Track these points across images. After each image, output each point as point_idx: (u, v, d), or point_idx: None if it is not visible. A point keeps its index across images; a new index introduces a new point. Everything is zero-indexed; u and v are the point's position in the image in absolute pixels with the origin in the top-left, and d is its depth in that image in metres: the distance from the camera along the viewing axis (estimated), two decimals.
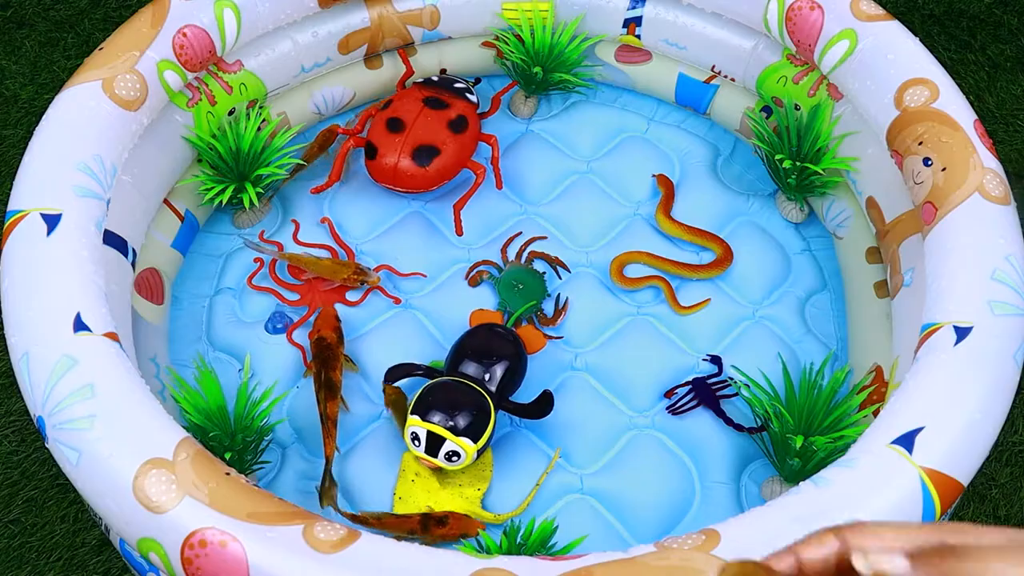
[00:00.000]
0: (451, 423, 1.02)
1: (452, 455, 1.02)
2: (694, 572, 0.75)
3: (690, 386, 1.15)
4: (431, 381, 1.07)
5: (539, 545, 0.99)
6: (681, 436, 1.12)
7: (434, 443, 1.02)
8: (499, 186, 1.33)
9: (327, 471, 1.05)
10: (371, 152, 1.27)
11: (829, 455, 0.99)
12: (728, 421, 1.12)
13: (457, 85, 1.35)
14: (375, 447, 1.11)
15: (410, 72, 1.40)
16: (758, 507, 0.82)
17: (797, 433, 1.01)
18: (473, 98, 1.34)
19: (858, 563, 0.42)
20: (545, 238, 1.29)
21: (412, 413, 1.03)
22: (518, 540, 0.98)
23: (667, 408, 1.14)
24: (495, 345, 1.11)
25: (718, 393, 1.14)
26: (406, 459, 1.09)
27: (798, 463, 1.02)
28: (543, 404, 1.09)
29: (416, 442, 1.03)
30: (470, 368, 1.08)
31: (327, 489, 1.04)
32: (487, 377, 1.08)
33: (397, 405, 1.11)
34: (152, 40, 1.11)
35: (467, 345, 1.11)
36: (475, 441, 1.03)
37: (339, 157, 1.31)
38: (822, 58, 1.18)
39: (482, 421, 1.03)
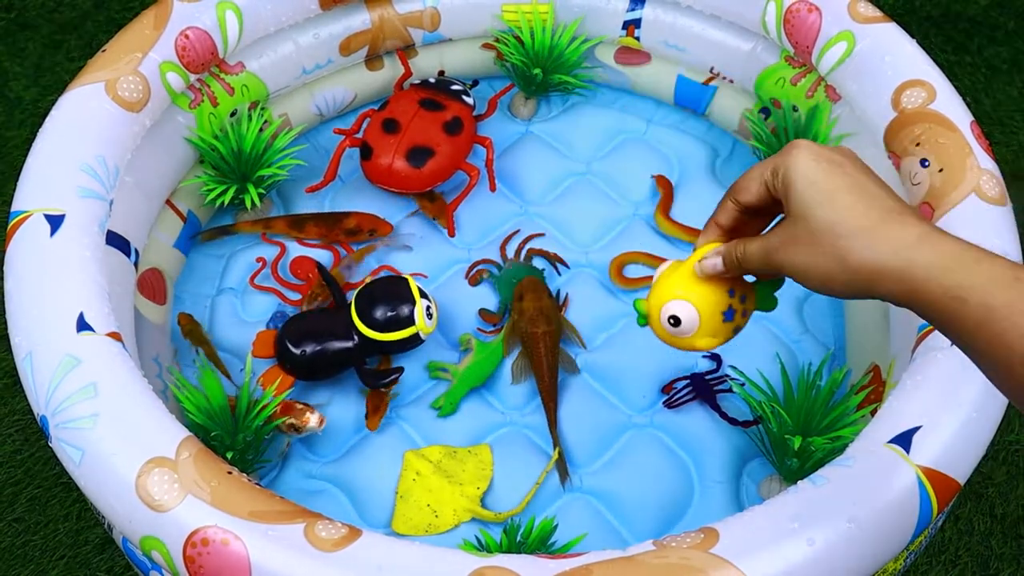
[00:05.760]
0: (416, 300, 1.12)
1: (429, 309, 1.12)
2: (693, 571, 0.76)
3: (688, 380, 1.16)
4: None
5: (539, 543, 0.99)
6: (680, 435, 1.13)
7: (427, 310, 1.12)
8: (492, 189, 1.34)
9: None
10: (366, 152, 1.28)
11: (827, 455, 0.99)
12: (723, 415, 1.12)
13: (454, 87, 1.35)
14: (376, 446, 1.11)
15: (408, 74, 1.41)
16: (756, 505, 0.83)
17: (795, 433, 1.02)
18: (469, 100, 1.35)
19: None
20: (543, 235, 1.29)
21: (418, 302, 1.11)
22: (518, 538, 0.99)
23: (663, 402, 1.15)
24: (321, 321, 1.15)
25: (715, 388, 1.15)
26: (407, 458, 1.09)
27: (796, 463, 1.03)
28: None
29: (429, 317, 1.12)
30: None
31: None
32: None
33: (194, 335, 1.17)
34: (155, 42, 1.12)
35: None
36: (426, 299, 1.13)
37: (335, 157, 1.32)
38: (820, 60, 1.19)
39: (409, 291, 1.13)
